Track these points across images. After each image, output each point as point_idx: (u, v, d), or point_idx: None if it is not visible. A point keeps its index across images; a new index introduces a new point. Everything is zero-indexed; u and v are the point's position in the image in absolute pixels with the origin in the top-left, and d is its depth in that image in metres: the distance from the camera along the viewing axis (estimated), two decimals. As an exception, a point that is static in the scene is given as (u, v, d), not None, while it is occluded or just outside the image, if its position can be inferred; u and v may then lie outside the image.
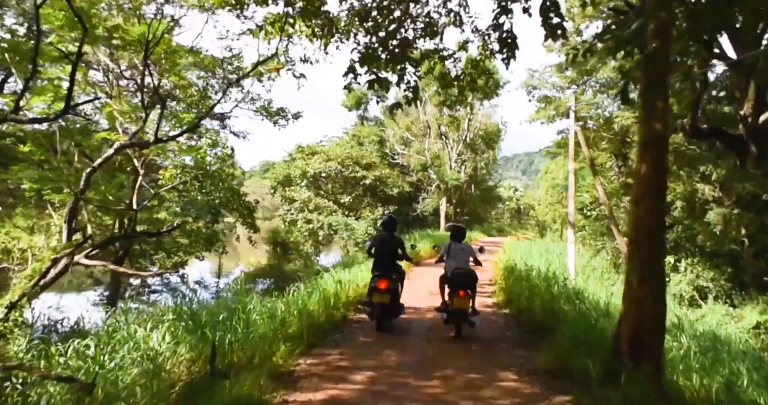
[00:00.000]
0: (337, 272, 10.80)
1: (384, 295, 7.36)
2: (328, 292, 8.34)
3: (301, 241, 30.70)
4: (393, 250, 7.82)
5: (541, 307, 8.27)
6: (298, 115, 14.68)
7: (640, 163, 6.85)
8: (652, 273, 6.60)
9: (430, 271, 13.81)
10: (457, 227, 8.26)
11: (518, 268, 11.66)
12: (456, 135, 33.06)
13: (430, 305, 9.36)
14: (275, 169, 34.50)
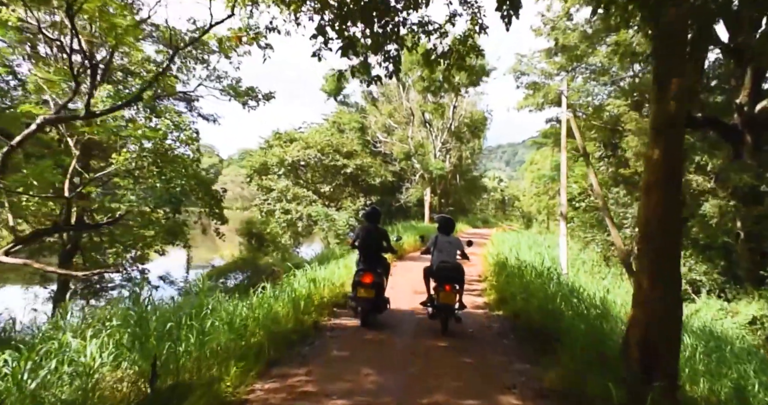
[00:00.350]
0: (313, 268, 9.68)
1: (369, 290, 7.11)
2: (299, 294, 7.24)
3: (279, 233, 29.50)
4: (377, 243, 7.52)
5: (538, 308, 7.30)
6: (269, 96, 13.43)
7: (652, 148, 5.95)
8: (665, 272, 5.74)
9: (415, 266, 12.77)
10: (445, 219, 7.88)
11: (510, 263, 10.66)
12: (440, 123, 31.93)
13: (415, 307, 8.33)
14: (251, 157, 33.09)
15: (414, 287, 10.00)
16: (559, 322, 6.48)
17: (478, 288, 10.69)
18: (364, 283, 7.12)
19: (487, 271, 12.53)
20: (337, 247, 19.10)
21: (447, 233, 7.60)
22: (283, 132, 34.00)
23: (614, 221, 14.96)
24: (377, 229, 7.66)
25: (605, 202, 14.31)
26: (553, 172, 33.94)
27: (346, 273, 9.61)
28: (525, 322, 7.22)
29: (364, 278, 7.13)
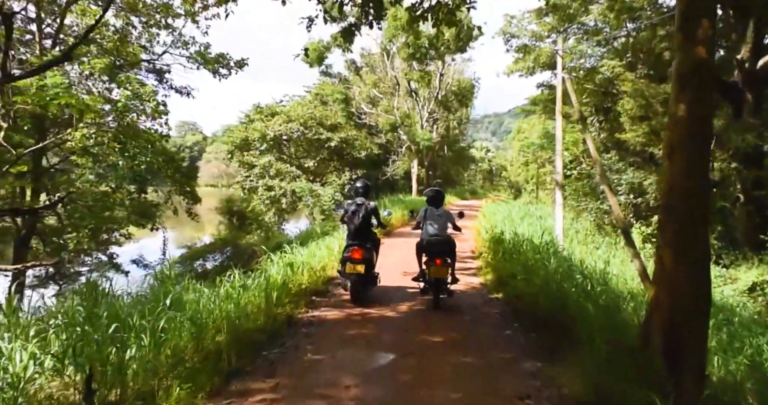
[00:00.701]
0: (292, 250, 8.84)
1: (358, 265, 6.99)
2: (273, 282, 6.40)
3: (262, 210, 28.61)
4: (367, 218, 7.36)
5: (541, 290, 6.50)
6: (242, 64, 12.33)
7: (675, 103, 5.12)
8: (691, 246, 4.96)
9: (405, 243, 11.99)
10: (434, 191, 7.71)
11: (506, 238, 9.86)
12: (427, 92, 30.78)
13: (404, 290, 7.55)
14: (232, 132, 31.85)
15: (403, 267, 9.22)
16: (566, 306, 5.71)
17: (472, 266, 9.90)
18: (353, 258, 6.99)
19: (481, 246, 11.78)
20: (319, 226, 18.28)
21: (437, 206, 7.43)
22: (264, 106, 32.73)
23: (611, 188, 14.25)
24: (367, 203, 7.45)
25: (603, 169, 13.54)
26: (542, 140, 33.09)
27: (327, 255, 8.80)
28: (528, 306, 6.38)
29: (354, 254, 7.00)
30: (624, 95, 17.96)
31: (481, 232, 13.82)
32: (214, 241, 16.63)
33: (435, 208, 7.41)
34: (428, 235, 7.16)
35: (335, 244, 9.45)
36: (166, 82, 17.05)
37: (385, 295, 7.57)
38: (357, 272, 6.97)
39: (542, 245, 8.90)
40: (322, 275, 7.88)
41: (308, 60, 29.82)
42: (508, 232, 10.92)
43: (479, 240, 12.89)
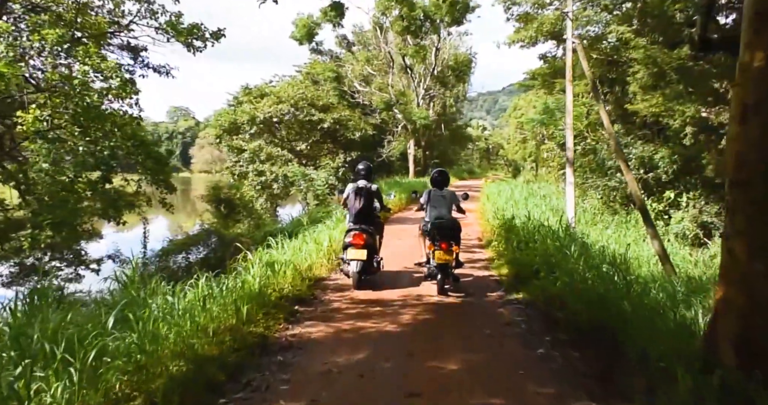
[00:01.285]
0: (278, 244, 7.74)
1: (360, 251, 6.73)
2: (249, 288, 5.28)
3: (253, 196, 27.48)
4: (369, 201, 7.10)
5: (569, 288, 5.37)
6: (218, 35, 11.05)
7: (749, 51, 3.99)
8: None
9: (404, 231, 10.92)
10: (439, 172, 7.40)
11: (517, 224, 8.71)
12: (422, 68, 29.39)
13: (405, 293, 6.53)
14: (219, 116, 30.53)
15: (404, 262, 8.15)
16: (603, 308, 4.61)
17: (481, 257, 8.78)
18: (355, 244, 6.73)
19: (488, 231, 10.71)
20: (308, 214, 17.20)
21: (441, 187, 7.16)
22: (253, 87, 31.39)
23: (627, 163, 13.14)
24: (369, 185, 7.17)
25: (617, 143, 12.43)
26: (542, 116, 31.81)
27: (316, 250, 7.67)
28: (557, 311, 5.19)
29: (355, 239, 6.76)
30: (634, 63, 16.73)
31: (486, 215, 12.75)
32: (199, 231, 15.46)
33: (439, 189, 7.11)
34: (432, 218, 6.87)
35: (326, 236, 8.35)
36: (143, 62, 15.76)
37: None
38: (359, 258, 6.67)
39: (559, 231, 7.81)
40: (309, 276, 6.75)
41: (297, 36, 28.37)
42: (519, 216, 9.85)
43: (485, 225, 11.81)
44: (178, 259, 14.68)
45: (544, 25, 18.23)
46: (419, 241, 7.36)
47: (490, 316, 5.65)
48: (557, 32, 19.14)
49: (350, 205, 7.12)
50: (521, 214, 10.36)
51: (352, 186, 7.22)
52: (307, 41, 28.71)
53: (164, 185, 11.61)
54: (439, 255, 6.46)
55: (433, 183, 7.22)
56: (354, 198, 7.04)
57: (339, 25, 26.85)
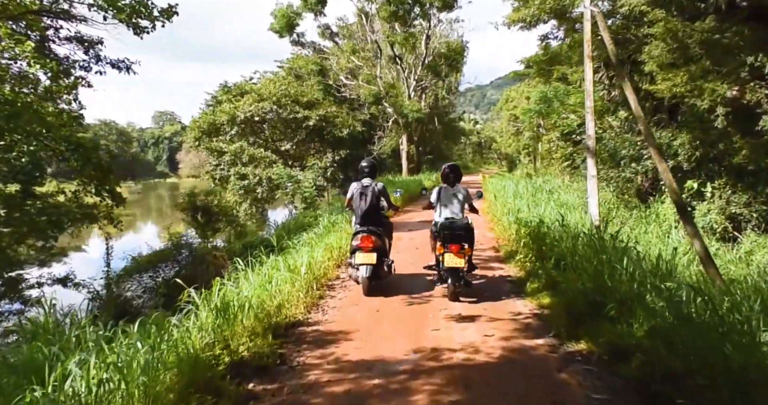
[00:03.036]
0: (255, 264, 5.89)
1: (369, 255, 6.29)
2: (187, 350, 3.40)
3: (237, 201, 25.56)
4: (375, 200, 6.66)
5: (657, 335, 3.51)
6: (170, 13, 9.13)
7: None
8: None
9: (412, 240, 9.12)
10: (451, 167, 6.80)
11: (550, 232, 6.76)
12: (413, 57, 27.50)
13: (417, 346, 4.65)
14: (198, 117, 28.58)
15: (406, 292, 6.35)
16: (711, 366, 2.80)
17: (504, 273, 6.98)
18: (363, 247, 6.31)
19: (506, 238, 8.88)
20: (294, 221, 15.40)
21: (453, 184, 6.60)
22: (232, 85, 29.44)
23: (660, 150, 11.32)
24: (374, 184, 6.73)
25: (648, 127, 10.64)
26: (539, 105, 30.06)
27: (290, 279, 5.71)
28: (660, 382, 3.26)
29: (363, 242, 6.35)
30: (650, 39, 14.94)
31: (497, 216, 10.94)
32: (169, 246, 13.51)
33: (450, 185, 6.54)
34: (442, 218, 6.40)
35: (305, 259, 6.44)
36: (97, 56, 13.79)
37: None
38: (368, 263, 6.24)
39: (609, 242, 5.95)
40: (278, 321, 4.82)
41: (276, 28, 26.41)
42: (538, 217, 8.07)
43: (499, 228, 9.98)
44: (143, 278, 12.78)
45: (547, 2, 16.42)
46: (430, 243, 6.71)
47: (549, 387, 3.65)
48: (561, 9, 17.35)
49: (356, 206, 6.67)
50: (537, 214, 8.61)
51: (356, 185, 6.76)
52: (287, 33, 26.76)
53: (110, 196, 9.67)
54: (449, 258, 5.91)
55: (443, 179, 6.57)
56: (359, 198, 6.59)
57: (321, 13, 24.98)
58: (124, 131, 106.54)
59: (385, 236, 6.71)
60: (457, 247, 5.96)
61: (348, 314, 5.31)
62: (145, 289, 12.62)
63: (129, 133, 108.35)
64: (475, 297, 5.80)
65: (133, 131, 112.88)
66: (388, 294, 6.07)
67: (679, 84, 13.88)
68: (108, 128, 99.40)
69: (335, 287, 6.37)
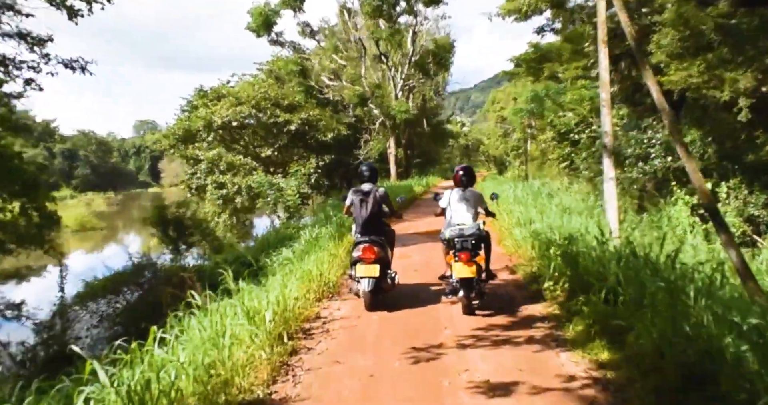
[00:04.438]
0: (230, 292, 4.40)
1: (371, 267, 5.78)
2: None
3: (215, 212, 23.94)
4: (377, 207, 6.14)
5: None
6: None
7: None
8: None
9: (408, 260, 7.66)
10: (464, 168, 6.28)
11: (588, 254, 5.24)
12: (399, 55, 26.07)
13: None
14: (173, 124, 26.91)
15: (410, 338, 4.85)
16: None
17: (531, 306, 5.47)
18: (365, 258, 5.81)
19: (522, 255, 7.42)
20: (275, 233, 13.92)
21: (465, 187, 6.18)
22: (209, 89, 27.80)
23: (687, 147, 9.93)
24: (375, 189, 6.31)
25: (672, 121, 9.28)
26: (530, 105, 28.83)
27: (249, 334, 4.14)
28: None
29: (365, 253, 5.84)
30: (659, 27, 13.72)
31: (506, 226, 9.51)
32: (132, 266, 11.86)
33: (462, 189, 6.18)
34: (453, 224, 6.01)
35: (275, 295, 4.87)
36: (46, 56, 12.21)
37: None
38: (371, 275, 5.82)
39: (664, 264, 4.52)
40: (227, 399, 3.25)
41: (253, 27, 24.88)
42: (550, 227, 6.68)
43: (510, 242, 8.53)
44: (100, 305, 11.20)
45: (545, -11, 15.14)
46: (442, 251, 6.30)
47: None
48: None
49: (356, 214, 6.26)
50: (554, 226, 7.23)
51: (356, 190, 6.36)
52: (264, 32, 25.22)
53: (39, 216, 8.07)
54: (459, 268, 5.43)
55: (456, 182, 6.18)
56: (359, 205, 6.18)
57: (300, 9, 23.49)
58: (104, 141, 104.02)
59: (387, 246, 6.24)
60: (467, 256, 5.44)
61: (328, 382, 3.76)
62: (102, 318, 11.04)
63: (109, 143, 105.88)
64: (504, 344, 4.32)
65: (113, 141, 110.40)
66: (382, 347, 4.53)
67: (695, 75, 12.63)
68: (87, 139, 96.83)
69: (314, 334, 4.83)
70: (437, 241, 10.38)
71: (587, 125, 21.49)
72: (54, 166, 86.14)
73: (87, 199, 66.04)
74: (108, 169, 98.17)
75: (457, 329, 4.87)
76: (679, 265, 4.73)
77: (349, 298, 6.14)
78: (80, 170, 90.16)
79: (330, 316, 5.40)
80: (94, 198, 69.79)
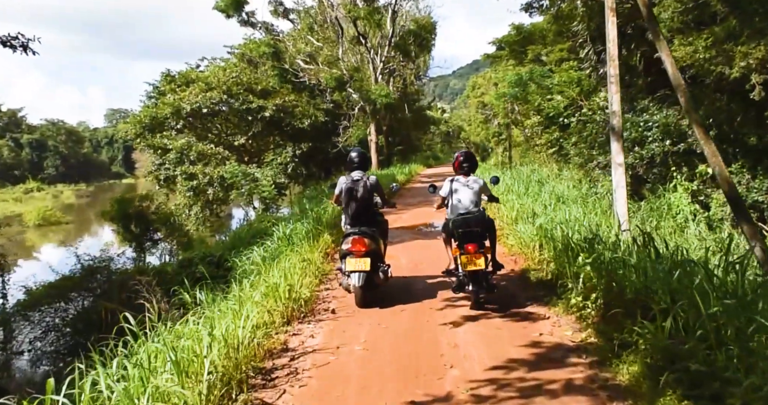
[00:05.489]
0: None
1: (362, 261, 5.44)
2: None
3: (186, 204, 22.51)
4: (367, 197, 5.80)
5: None
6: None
7: None
8: None
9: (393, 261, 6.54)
10: (465, 154, 5.94)
11: (624, 258, 4.16)
12: (378, 36, 24.71)
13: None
14: (139, 112, 25.27)
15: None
16: None
17: (552, 325, 4.37)
18: (355, 251, 5.48)
19: (527, 254, 6.38)
20: (249, 227, 12.74)
21: (467, 174, 5.74)
22: (176, 73, 26.17)
23: (705, 128, 8.85)
24: (365, 178, 5.87)
25: (688, 99, 8.27)
26: (514, 89, 27.76)
27: None
28: None
29: (355, 245, 5.50)
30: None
31: (505, 220, 8.45)
32: (76, 274, 10.45)
33: (464, 176, 5.70)
34: (455, 214, 5.54)
35: (220, 327, 3.68)
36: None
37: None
38: (361, 269, 5.39)
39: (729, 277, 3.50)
40: None
41: (222, 6, 23.29)
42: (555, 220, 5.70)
43: (514, 238, 7.45)
44: (46, 314, 9.93)
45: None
46: (444, 244, 5.94)
47: None
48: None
49: (345, 204, 5.93)
50: (554, 219, 6.26)
51: (344, 179, 5.98)
52: (234, 12, 23.63)
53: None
54: (466, 261, 5.16)
55: (457, 169, 5.85)
56: (349, 194, 5.85)
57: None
58: (74, 131, 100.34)
59: (379, 238, 5.86)
60: (475, 247, 5.17)
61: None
62: (48, 328, 9.78)
63: (79, 133, 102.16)
64: (535, 394, 3.17)
65: (84, 131, 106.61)
66: (369, 398, 3.38)
67: (701, 50, 11.65)
68: (56, 128, 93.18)
69: (276, 378, 3.58)
70: (428, 237, 9.29)
71: (577, 108, 20.53)
72: (22, 157, 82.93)
73: (55, 192, 63.40)
74: (79, 159, 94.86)
75: (466, 368, 3.72)
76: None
77: (325, 318, 5.00)
78: (50, 161, 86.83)
79: (300, 348, 4.21)
80: (63, 190, 67.11)
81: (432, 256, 7.21)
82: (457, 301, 5.37)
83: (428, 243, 8.48)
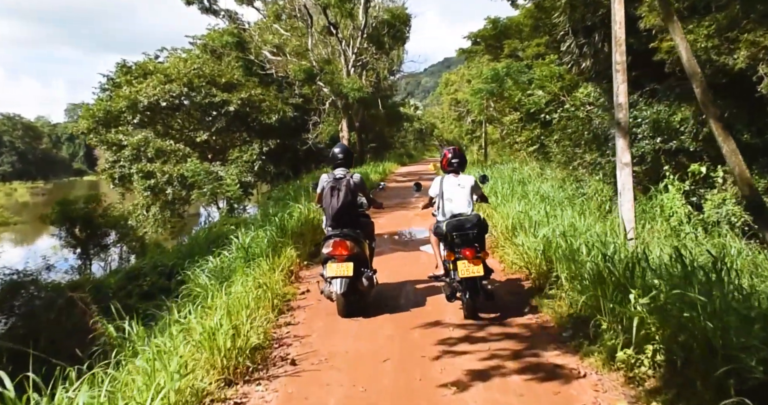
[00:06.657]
0: None
1: (344, 266, 5.06)
2: None
3: (143, 205, 20.92)
4: (351, 196, 5.37)
5: None
6: None
7: None
8: None
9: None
10: (453, 151, 5.56)
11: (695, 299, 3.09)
12: (351, 27, 23.40)
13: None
14: (92, 105, 23.44)
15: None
16: None
17: (573, 369, 3.32)
18: (336, 255, 5.11)
19: (534, 270, 5.30)
20: (208, 230, 11.45)
21: (457, 172, 5.45)
22: (133, 64, 24.39)
23: (724, 127, 7.85)
24: (349, 176, 5.45)
25: (704, 88, 7.30)
26: (490, 85, 26.84)
27: None
28: None
29: (336, 249, 5.13)
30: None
31: (501, 229, 7.36)
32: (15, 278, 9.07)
33: (455, 175, 5.40)
34: (447, 216, 5.25)
35: None
36: None
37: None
38: (343, 275, 5.00)
39: None
40: None
41: (181, -8, 21.66)
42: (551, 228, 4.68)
43: (511, 248, 6.35)
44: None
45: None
46: (433, 247, 5.57)
47: None
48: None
49: (326, 204, 5.36)
50: (560, 226, 5.28)
51: (327, 177, 5.44)
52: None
53: None
54: (464, 267, 4.73)
55: (446, 166, 5.41)
56: (330, 194, 5.29)
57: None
58: (32, 126, 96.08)
59: (364, 241, 5.49)
60: (473, 252, 4.84)
61: None
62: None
63: (38, 128, 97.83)
64: None
65: (43, 126, 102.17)
66: None
67: (701, 39, 10.76)
68: (11, 123, 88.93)
69: None
70: (410, 248, 8.13)
71: (559, 104, 19.66)
72: (-26, 154, 79.05)
73: (8, 190, 59.99)
74: (38, 156, 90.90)
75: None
76: None
77: (282, 373, 3.71)
78: (5, 157, 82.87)
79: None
80: (18, 187, 63.62)
81: (415, 272, 6.10)
82: (456, 345, 4.13)
83: (411, 255, 7.35)
